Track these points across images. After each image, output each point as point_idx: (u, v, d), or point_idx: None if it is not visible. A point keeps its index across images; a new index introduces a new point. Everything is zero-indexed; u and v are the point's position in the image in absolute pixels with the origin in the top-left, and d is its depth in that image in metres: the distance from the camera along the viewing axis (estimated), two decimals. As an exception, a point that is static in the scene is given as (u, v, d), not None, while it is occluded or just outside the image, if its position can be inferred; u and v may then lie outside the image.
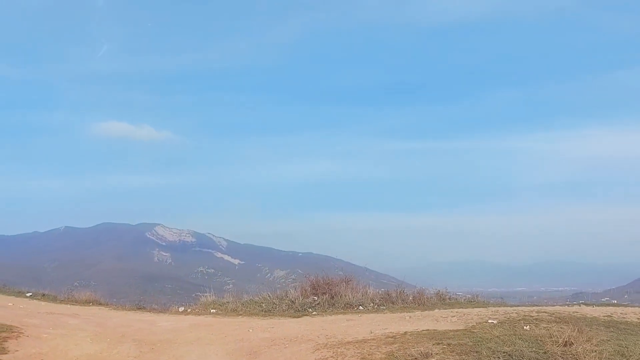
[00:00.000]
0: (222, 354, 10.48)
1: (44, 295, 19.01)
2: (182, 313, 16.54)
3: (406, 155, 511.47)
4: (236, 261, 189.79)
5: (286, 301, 16.88)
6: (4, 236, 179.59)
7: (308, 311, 15.92)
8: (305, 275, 18.70)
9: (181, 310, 16.91)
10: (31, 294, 19.14)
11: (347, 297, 16.84)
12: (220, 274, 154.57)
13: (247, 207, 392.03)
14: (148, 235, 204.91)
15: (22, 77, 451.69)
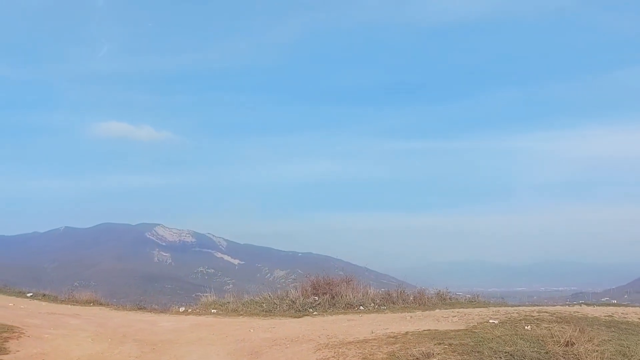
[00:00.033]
0: (223, 354, 10.48)
1: (44, 295, 19.02)
2: (183, 313, 16.54)
3: (406, 155, 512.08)
4: (236, 261, 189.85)
5: (287, 301, 16.87)
6: (3, 236, 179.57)
7: (309, 311, 15.91)
8: (306, 275, 18.67)
9: (182, 310, 16.91)
10: (32, 294, 19.15)
11: (347, 297, 16.82)
12: (220, 274, 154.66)
13: (247, 207, 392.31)
14: (148, 236, 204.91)
15: (22, 77, 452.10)
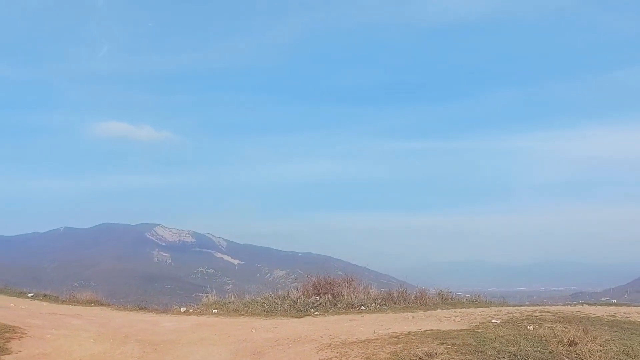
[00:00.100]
0: (225, 354, 10.46)
1: (45, 295, 18.98)
2: (184, 313, 16.51)
3: (406, 155, 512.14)
4: (236, 261, 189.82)
5: (288, 301, 16.84)
6: (3, 237, 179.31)
7: (310, 311, 15.89)
8: (307, 275, 18.64)
9: (183, 310, 16.88)
10: (33, 294, 19.11)
11: (349, 297, 16.79)
12: (220, 274, 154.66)
13: (247, 207, 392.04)
14: (148, 236, 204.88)
15: (22, 77, 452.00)
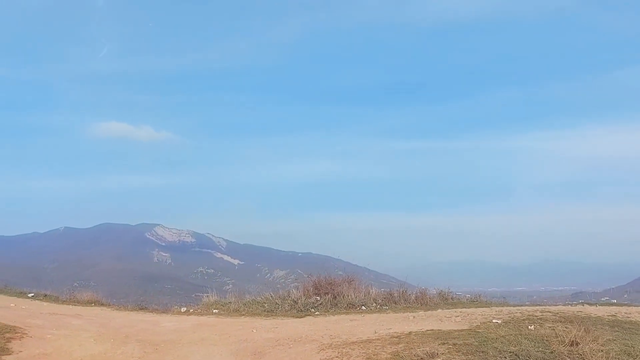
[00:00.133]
0: (226, 354, 10.45)
1: (46, 295, 18.97)
2: (185, 313, 16.49)
3: (406, 155, 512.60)
4: (236, 261, 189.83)
5: (288, 301, 16.81)
6: (3, 236, 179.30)
7: (311, 311, 15.87)
8: (308, 275, 18.61)
9: (183, 310, 16.86)
10: (33, 294, 19.10)
11: (349, 297, 16.77)
12: (220, 274, 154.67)
13: (247, 207, 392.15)
14: (147, 236, 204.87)
15: (22, 77, 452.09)
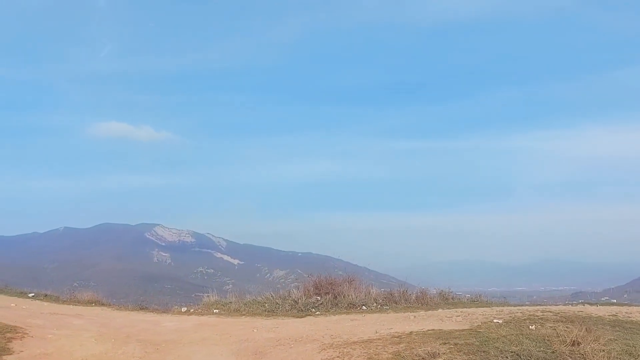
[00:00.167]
0: (227, 354, 10.44)
1: (46, 295, 18.96)
2: (185, 313, 16.48)
3: (406, 155, 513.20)
4: (235, 261, 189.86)
5: (289, 301, 16.80)
6: (3, 237, 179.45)
7: (311, 311, 15.87)
8: (308, 275, 18.62)
9: (184, 310, 16.85)
10: (34, 294, 19.08)
11: (350, 297, 16.76)
12: (220, 274, 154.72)
13: (247, 207, 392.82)
14: (147, 236, 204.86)
15: (22, 77, 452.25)
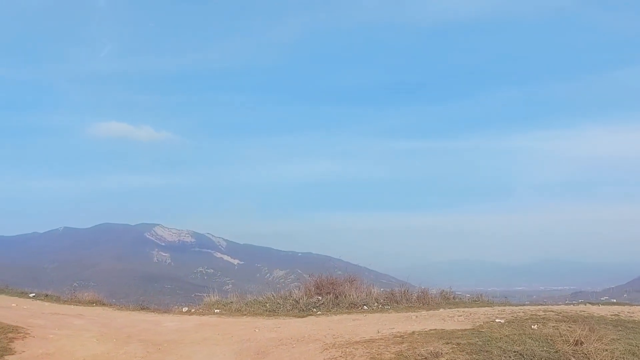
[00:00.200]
0: (229, 354, 10.42)
1: (47, 295, 18.92)
2: (186, 313, 16.46)
3: (406, 155, 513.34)
4: (235, 261, 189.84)
5: (290, 301, 16.78)
6: (3, 237, 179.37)
7: (312, 311, 15.85)
8: (309, 275, 18.60)
9: (185, 310, 16.83)
10: (34, 294, 19.05)
11: (351, 296, 16.75)
12: (220, 274, 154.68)
13: (247, 207, 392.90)
14: (147, 236, 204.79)
15: (22, 77, 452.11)
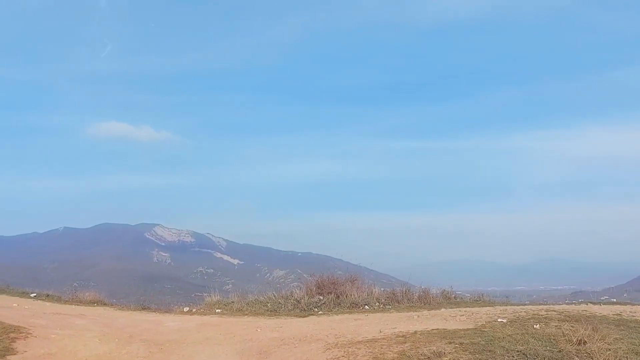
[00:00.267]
0: (231, 354, 10.42)
1: (48, 295, 18.91)
2: (188, 313, 16.45)
3: (406, 155, 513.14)
4: (235, 261, 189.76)
5: (292, 301, 16.77)
6: (3, 237, 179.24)
7: (314, 311, 15.84)
8: (310, 275, 18.59)
9: (186, 310, 16.82)
10: (35, 294, 19.03)
11: (352, 296, 16.73)
12: (220, 274, 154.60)
13: (247, 207, 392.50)
14: (147, 236, 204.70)
15: (22, 77, 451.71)
